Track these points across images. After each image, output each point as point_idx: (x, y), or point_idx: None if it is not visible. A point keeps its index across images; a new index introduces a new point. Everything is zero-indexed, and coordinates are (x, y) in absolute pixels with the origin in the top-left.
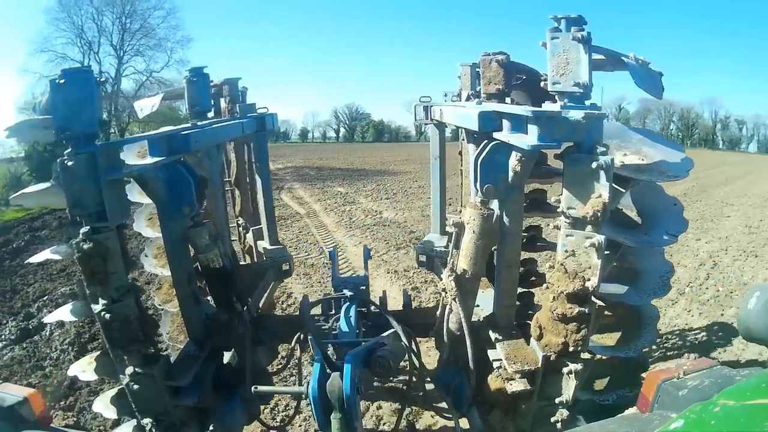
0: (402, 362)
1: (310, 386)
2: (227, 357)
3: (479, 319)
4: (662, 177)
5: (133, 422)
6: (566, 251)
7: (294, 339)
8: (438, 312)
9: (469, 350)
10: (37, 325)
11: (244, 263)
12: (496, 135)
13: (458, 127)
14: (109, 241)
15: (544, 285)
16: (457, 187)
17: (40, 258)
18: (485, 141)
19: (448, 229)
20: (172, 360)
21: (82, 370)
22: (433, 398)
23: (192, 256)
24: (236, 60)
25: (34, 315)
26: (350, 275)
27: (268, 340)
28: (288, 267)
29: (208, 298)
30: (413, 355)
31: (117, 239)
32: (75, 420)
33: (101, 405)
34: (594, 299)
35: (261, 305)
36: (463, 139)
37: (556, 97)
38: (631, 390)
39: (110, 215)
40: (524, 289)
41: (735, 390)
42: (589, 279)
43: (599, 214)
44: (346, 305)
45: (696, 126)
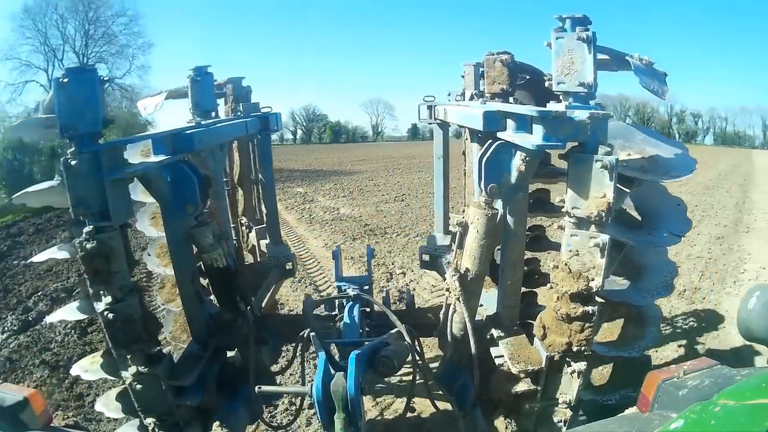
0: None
1: (314, 386)
2: (230, 357)
3: (483, 319)
4: (666, 177)
5: (136, 422)
6: (570, 251)
7: (297, 339)
8: (442, 312)
9: (473, 350)
10: (36, 317)
11: (248, 263)
12: (501, 135)
13: (462, 127)
14: (113, 241)
15: (548, 285)
16: (454, 188)
17: (43, 257)
18: (489, 141)
19: (452, 229)
20: (175, 360)
21: (85, 370)
22: (437, 396)
23: (195, 256)
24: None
25: (32, 308)
26: (353, 275)
27: (272, 340)
28: (291, 266)
29: (211, 298)
30: (417, 355)
31: (120, 238)
32: (75, 420)
33: (103, 404)
34: (598, 299)
35: (264, 305)
36: (467, 139)
37: (561, 97)
38: (634, 390)
39: (114, 214)
40: (528, 289)
41: (735, 390)
42: (593, 279)
43: (604, 214)
44: (350, 305)
45: (652, 120)
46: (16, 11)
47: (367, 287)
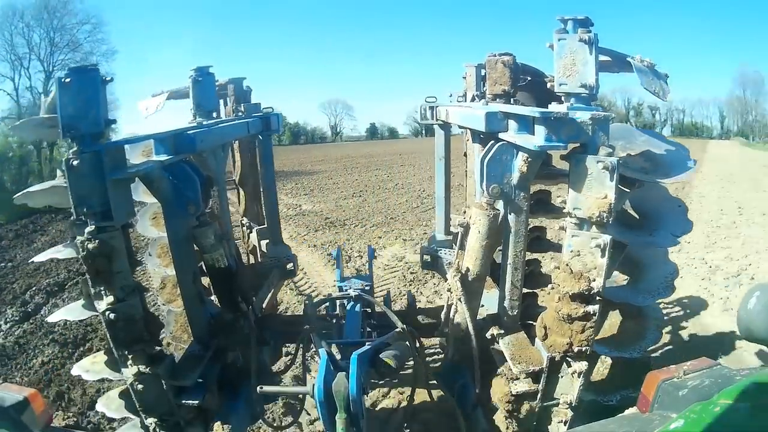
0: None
1: (316, 386)
2: (231, 357)
3: (484, 319)
4: (667, 178)
5: (137, 422)
6: (572, 251)
7: (299, 339)
8: (443, 312)
9: (474, 350)
10: (35, 308)
11: (249, 263)
12: (503, 135)
13: (463, 128)
14: (115, 241)
15: (549, 285)
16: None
17: (44, 257)
18: (491, 141)
19: (453, 230)
20: (177, 360)
21: (86, 370)
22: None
23: (197, 256)
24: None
25: (29, 301)
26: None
27: (273, 340)
28: (292, 267)
29: (213, 298)
30: (418, 355)
31: (122, 238)
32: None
33: (104, 404)
34: (599, 299)
35: (264, 305)
36: (468, 140)
37: (563, 98)
38: (635, 390)
39: (115, 214)
40: (529, 290)
41: (735, 390)
42: (595, 279)
43: (605, 215)
44: (351, 305)
45: (609, 113)
46: None
47: (369, 287)
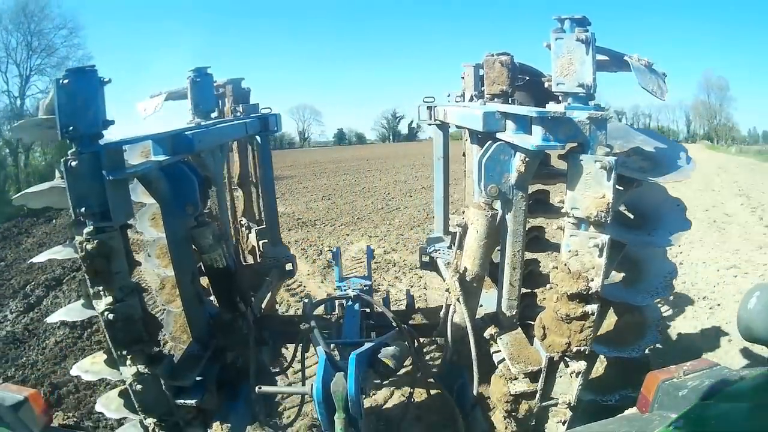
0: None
1: (314, 386)
2: (230, 357)
3: (482, 319)
4: (666, 177)
5: (136, 422)
6: (570, 251)
7: (297, 339)
8: (441, 312)
9: (473, 350)
10: (36, 300)
11: (247, 263)
12: (500, 135)
13: (461, 128)
14: (113, 241)
15: (548, 285)
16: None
17: (43, 258)
18: (489, 141)
19: (451, 230)
20: (176, 360)
21: (85, 370)
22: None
23: (195, 256)
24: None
25: (30, 294)
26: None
27: (272, 341)
28: (291, 267)
29: (211, 298)
30: (416, 356)
31: (121, 239)
32: (76, 421)
33: (104, 404)
34: (597, 299)
35: (263, 306)
36: (466, 140)
37: (560, 98)
38: (634, 391)
39: (114, 215)
40: (527, 290)
41: (735, 390)
42: (593, 279)
43: (603, 215)
44: (350, 305)
45: None
46: None
47: (368, 287)
